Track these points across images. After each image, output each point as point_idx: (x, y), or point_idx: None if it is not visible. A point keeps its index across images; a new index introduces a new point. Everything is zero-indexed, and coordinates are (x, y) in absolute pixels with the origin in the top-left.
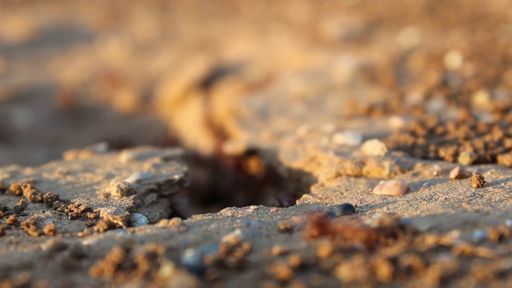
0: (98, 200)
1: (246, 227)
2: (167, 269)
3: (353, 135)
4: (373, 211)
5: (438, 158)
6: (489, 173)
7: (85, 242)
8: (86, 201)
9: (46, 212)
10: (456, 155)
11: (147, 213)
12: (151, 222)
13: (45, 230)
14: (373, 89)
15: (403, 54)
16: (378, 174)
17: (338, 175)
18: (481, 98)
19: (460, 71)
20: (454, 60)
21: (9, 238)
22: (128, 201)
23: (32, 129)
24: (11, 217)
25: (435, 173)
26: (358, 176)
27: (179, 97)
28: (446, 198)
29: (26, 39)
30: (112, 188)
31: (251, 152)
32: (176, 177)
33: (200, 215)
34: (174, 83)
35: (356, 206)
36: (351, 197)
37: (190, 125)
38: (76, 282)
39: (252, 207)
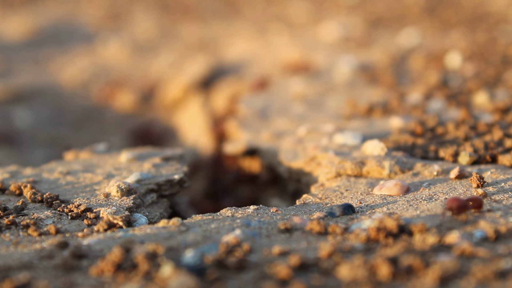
0: (98, 200)
1: (246, 227)
2: (167, 269)
3: (353, 135)
4: (373, 211)
5: (438, 158)
6: (489, 173)
7: (85, 242)
8: (86, 201)
9: (46, 212)
10: (456, 155)
11: (147, 213)
12: (151, 222)
13: (45, 230)
14: (373, 89)
15: (403, 54)
16: (378, 174)
17: (338, 175)
18: (481, 98)
19: (460, 71)
20: (454, 60)
21: (9, 238)
22: (128, 201)
23: (32, 129)
24: (11, 217)
25: (435, 173)
26: (358, 176)
27: (179, 97)
28: (446, 198)
29: (26, 39)
30: (112, 188)
31: (251, 152)
32: (176, 177)
33: (200, 215)
34: (174, 83)
35: (356, 206)
36: (351, 197)
37: (190, 125)
38: (76, 282)
39: (252, 207)
